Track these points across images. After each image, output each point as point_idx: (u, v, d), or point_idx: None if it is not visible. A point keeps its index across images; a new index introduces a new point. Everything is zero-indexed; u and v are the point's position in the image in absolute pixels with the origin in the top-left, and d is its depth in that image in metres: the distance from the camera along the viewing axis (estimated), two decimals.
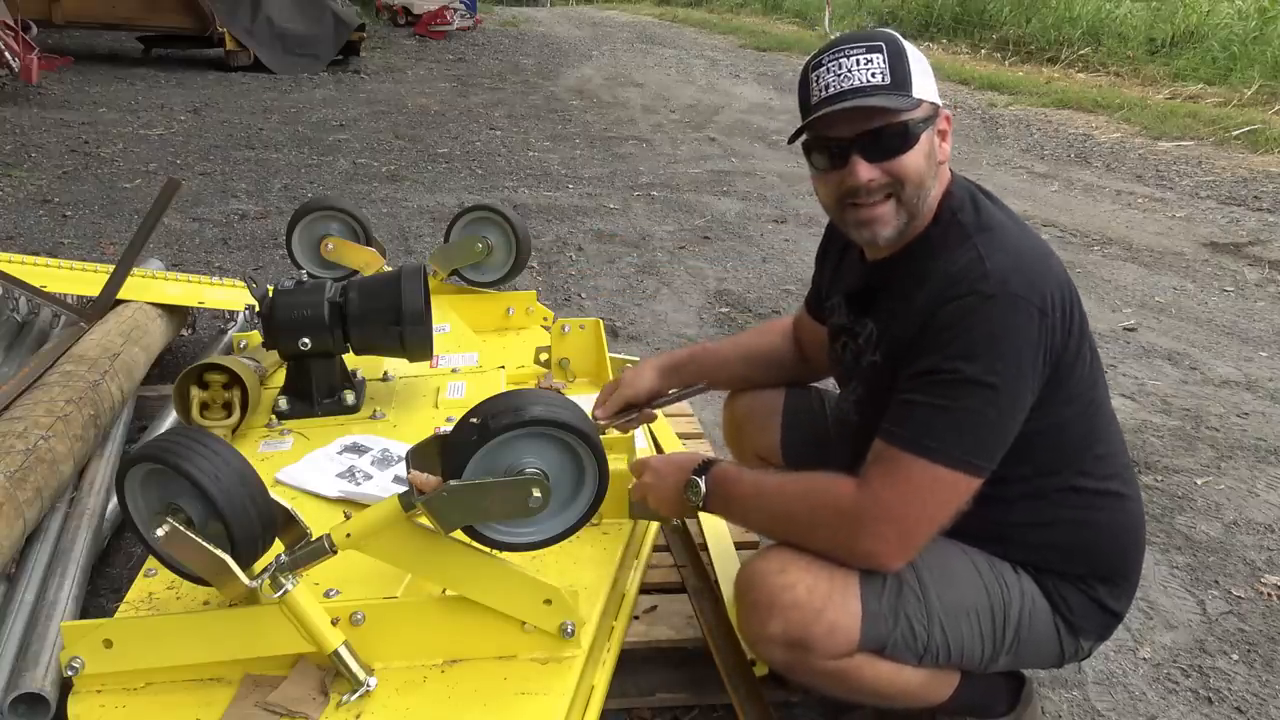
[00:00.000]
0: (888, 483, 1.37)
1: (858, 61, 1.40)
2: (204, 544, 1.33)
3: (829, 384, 1.86)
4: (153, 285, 3.18)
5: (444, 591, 1.48)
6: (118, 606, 1.59)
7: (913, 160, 1.42)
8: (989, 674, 1.60)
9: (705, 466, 1.55)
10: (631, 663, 1.74)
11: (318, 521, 1.46)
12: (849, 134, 1.41)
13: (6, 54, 7.82)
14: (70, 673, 1.42)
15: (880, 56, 1.39)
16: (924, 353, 1.38)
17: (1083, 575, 1.54)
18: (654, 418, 1.97)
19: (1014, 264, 1.38)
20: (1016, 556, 1.54)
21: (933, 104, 1.43)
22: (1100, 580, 1.55)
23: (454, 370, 2.42)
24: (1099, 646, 1.65)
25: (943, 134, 1.46)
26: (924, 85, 1.42)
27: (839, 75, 1.40)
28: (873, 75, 1.39)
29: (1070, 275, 1.47)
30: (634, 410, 1.88)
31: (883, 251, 1.53)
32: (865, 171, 1.42)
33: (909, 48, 1.43)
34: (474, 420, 1.35)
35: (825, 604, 1.42)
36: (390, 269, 2.34)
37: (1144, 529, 1.61)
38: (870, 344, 1.55)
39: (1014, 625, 1.52)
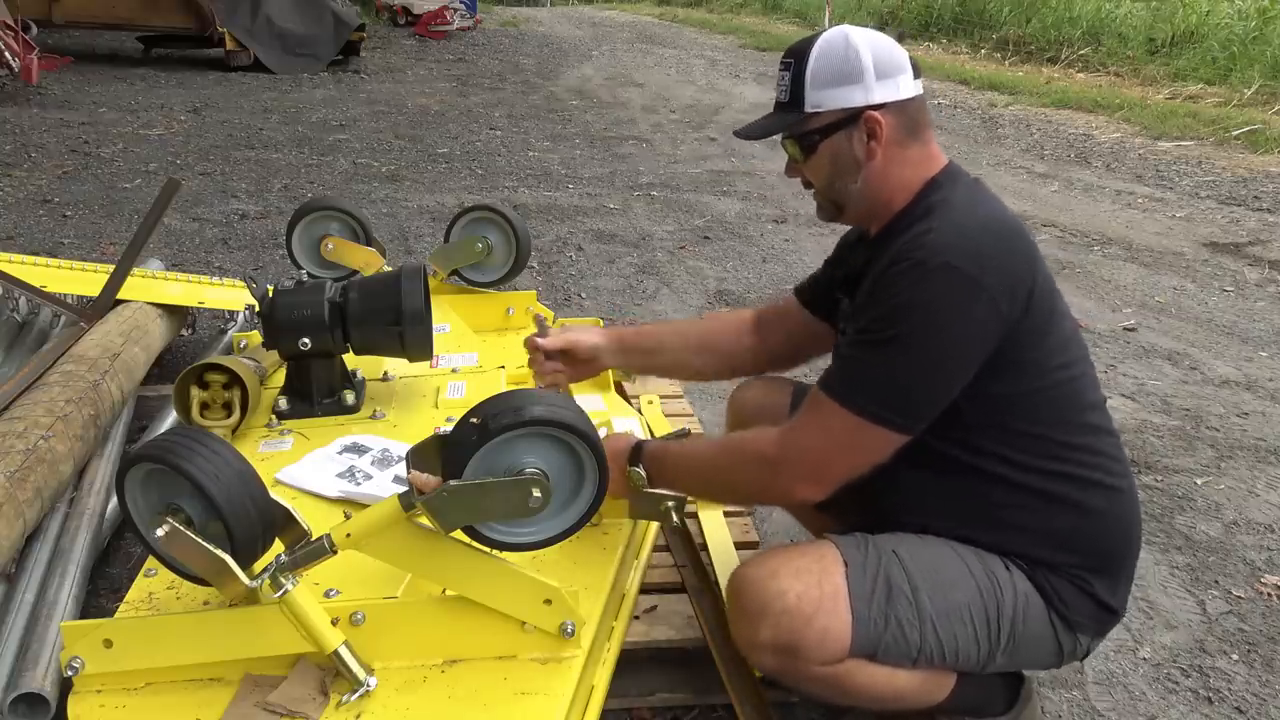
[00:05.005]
0: (809, 424, 1.49)
1: (779, 76, 1.57)
2: (204, 544, 1.33)
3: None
4: (153, 285, 3.17)
5: (444, 591, 1.48)
6: (118, 606, 1.58)
7: (815, 165, 1.57)
8: (987, 674, 1.60)
9: (636, 453, 1.65)
10: (631, 663, 1.74)
11: (318, 521, 1.46)
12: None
13: (6, 54, 7.82)
14: (70, 673, 1.42)
15: (787, 75, 1.54)
16: (863, 312, 1.48)
17: (1074, 566, 1.54)
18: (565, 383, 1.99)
19: (959, 237, 1.43)
20: (1006, 545, 1.54)
21: (841, 110, 1.51)
22: (1092, 572, 1.55)
23: (454, 370, 2.42)
24: (1098, 645, 1.65)
25: (872, 133, 1.51)
26: (831, 96, 1.50)
27: (776, 85, 1.60)
28: (782, 92, 1.56)
29: (1047, 265, 1.52)
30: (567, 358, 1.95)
31: (878, 227, 1.60)
32: (789, 170, 1.64)
33: (820, 58, 1.50)
34: (474, 420, 1.35)
35: (816, 610, 1.44)
36: (390, 269, 2.34)
37: (1138, 523, 1.61)
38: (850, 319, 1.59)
39: (1008, 623, 1.52)
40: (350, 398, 2.19)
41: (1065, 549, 1.54)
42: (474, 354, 2.51)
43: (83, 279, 3.09)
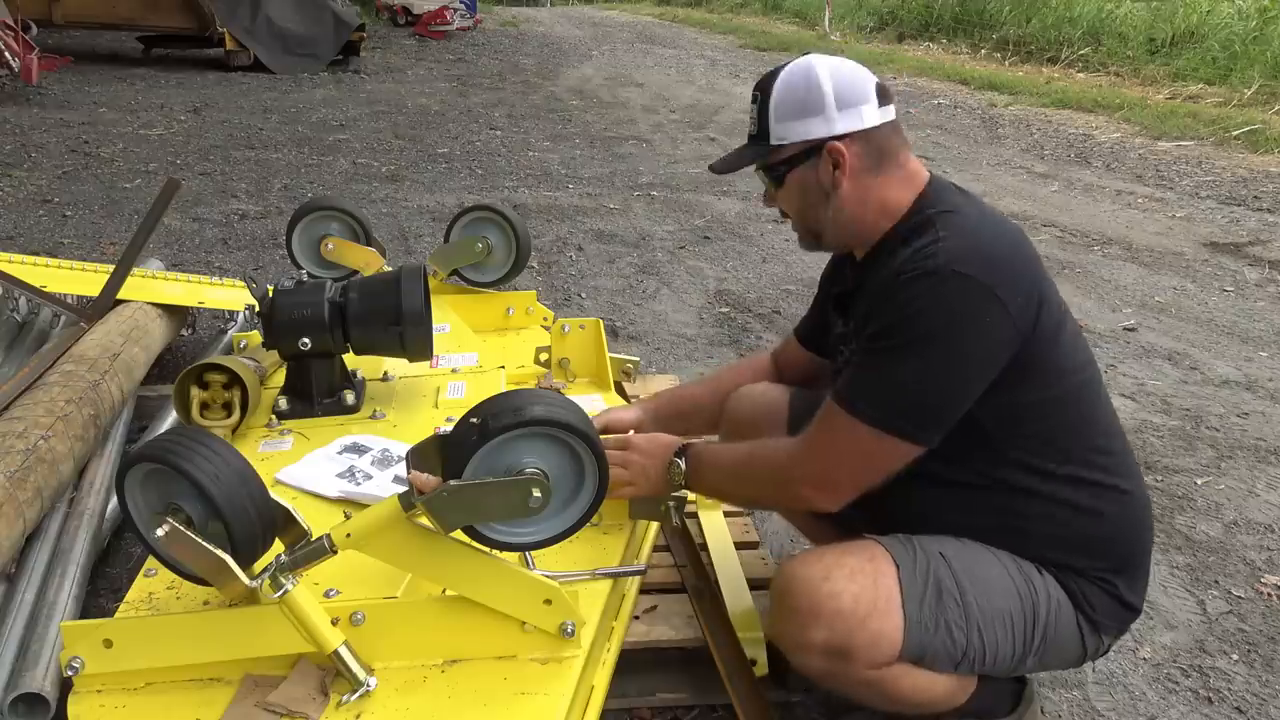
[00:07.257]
0: (819, 434, 1.50)
1: (751, 109, 1.59)
2: (204, 544, 1.33)
3: None
4: (153, 285, 3.18)
5: (444, 591, 1.48)
6: (118, 606, 1.59)
7: (786, 196, 1.60)
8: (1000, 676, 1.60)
9: (684, 449, 1.67)
10: (631, 663, 1.74)
11: (318, 521, 1.46)
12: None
13: (6, 54, 7.82)
14: (70, 673, 1.42)
15: (755, 108, 1.57)
16: (871, 321, 1.46)
17: (1100, 570, 1.55)
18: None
19: (969, 245, 1.42)
20: (1035, 553, 1.54)
21: (803, 142, 1.52)
22: (1116, 573, 1.55)
23: (454, 370, 2.42)
24: (1115, 643, 1.66)
25: (836, 163, 1.52)
26: (793, 128, 1.52)
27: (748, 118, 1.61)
28: (752, 124, 1.58)
29: (1049, 270, 1.52)
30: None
31: (863, 250, 1.60)
32: (767, 200, 1.66)
33: (781, 91, 1.53)
34: (474, 420, 1.35)
35: (870, 612, 1.43)
36: (390, 269, 2.34)
37: (1151, 519, 1.62)
38: (850, 340, 1.59)
39: (1042, 626, 1.52)
40: (350, 398, 2.19)
41: (1089, 553, 1.54)
42: (474, 354, 2.51)
43: (83, 279, 3.09)
